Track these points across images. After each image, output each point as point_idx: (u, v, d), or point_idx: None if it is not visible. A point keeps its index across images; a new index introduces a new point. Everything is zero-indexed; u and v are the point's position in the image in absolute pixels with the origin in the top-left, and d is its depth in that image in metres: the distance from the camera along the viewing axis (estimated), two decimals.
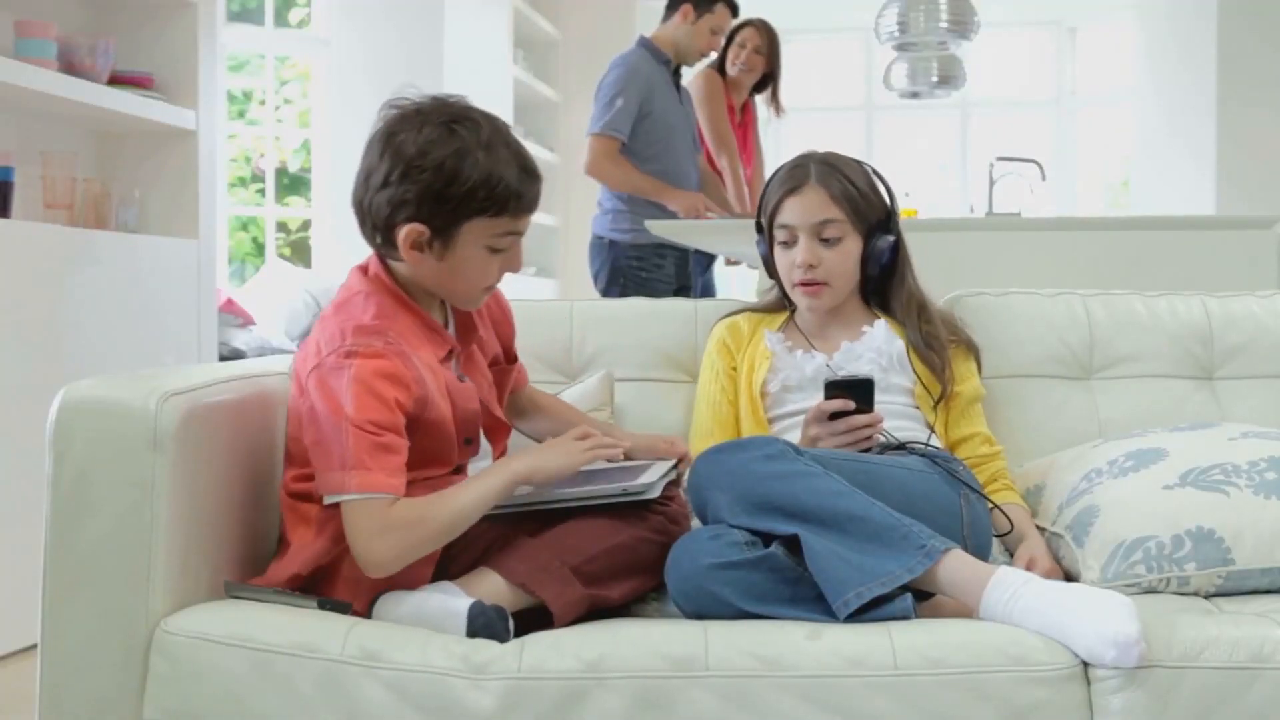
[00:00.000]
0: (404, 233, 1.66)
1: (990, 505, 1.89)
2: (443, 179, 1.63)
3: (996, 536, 1.90)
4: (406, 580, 1.64)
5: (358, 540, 1.59)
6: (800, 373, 2.02)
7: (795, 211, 2.02)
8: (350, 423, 1.57)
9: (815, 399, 1.94)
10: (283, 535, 1.76)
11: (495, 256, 1.71)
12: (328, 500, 1.61)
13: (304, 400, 1.65)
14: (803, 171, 2.03)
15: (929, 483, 1.80)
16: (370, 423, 1.58)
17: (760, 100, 4.81)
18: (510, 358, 1.96)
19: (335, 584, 1.68)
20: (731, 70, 4.61)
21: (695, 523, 1.79)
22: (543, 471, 1.68)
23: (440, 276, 1.71)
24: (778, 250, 2.06)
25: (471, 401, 1.76)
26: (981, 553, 1.80)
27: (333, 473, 1.59)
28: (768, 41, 4.59)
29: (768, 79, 4.67)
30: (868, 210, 2.02)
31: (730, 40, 4.58)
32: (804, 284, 2.02)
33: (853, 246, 2.02)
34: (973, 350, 2.10)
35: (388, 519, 1.58)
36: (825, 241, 2.00)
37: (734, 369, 2.09)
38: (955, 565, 1.58)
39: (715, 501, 1.68)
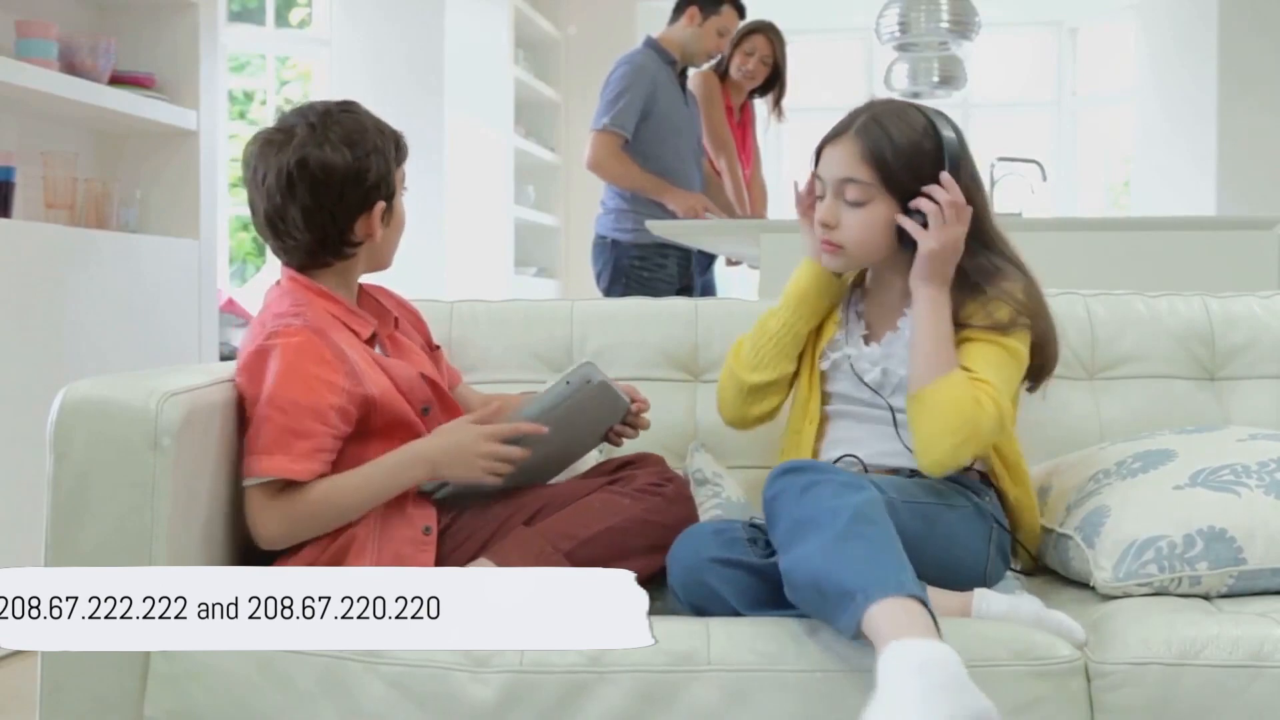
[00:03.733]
0: (375, 214, 1.77)
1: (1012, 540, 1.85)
2: (383, 154, 1.77)
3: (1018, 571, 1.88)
4: None
5: (254, 522, 1.66)
6: (844, 359, 1.90)
7: (825, 163, 1.83)
8: (268, 404, 1.64)
9: (846, 385, 1.88)
10: None
11: (403, 206, 1.85)
12: (245, 484, 1.66)
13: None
14: (849, 120, 1.83)
15: (968, 525, 1.75)
16: (290, 403, 1.64)
17: (760, 102, 4.81)
18: (432, 346, 2.02)
19: None
20: (735, 74, 4.61)
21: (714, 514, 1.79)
22: (430, 467, 1.72)
23: (387, 242, 1.83)
24: (819, 203, 1.86)
25: (406, 370, 1.80)
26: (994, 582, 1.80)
27: (247, 458, 1.66)
28: (773, 53, 4.58)
29: (770, 84, 4.67)
30: (905, 175, 1.76)
31: (739, 44, 4.55)
32: (824, 242, 1.84)
33: (881, 213, 1.78)
34: (1044, 333, 1.81)
35: (290, 500, 1.65)
36: (851, 204, 1.80)
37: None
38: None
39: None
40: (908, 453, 1.78)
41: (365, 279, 1.89)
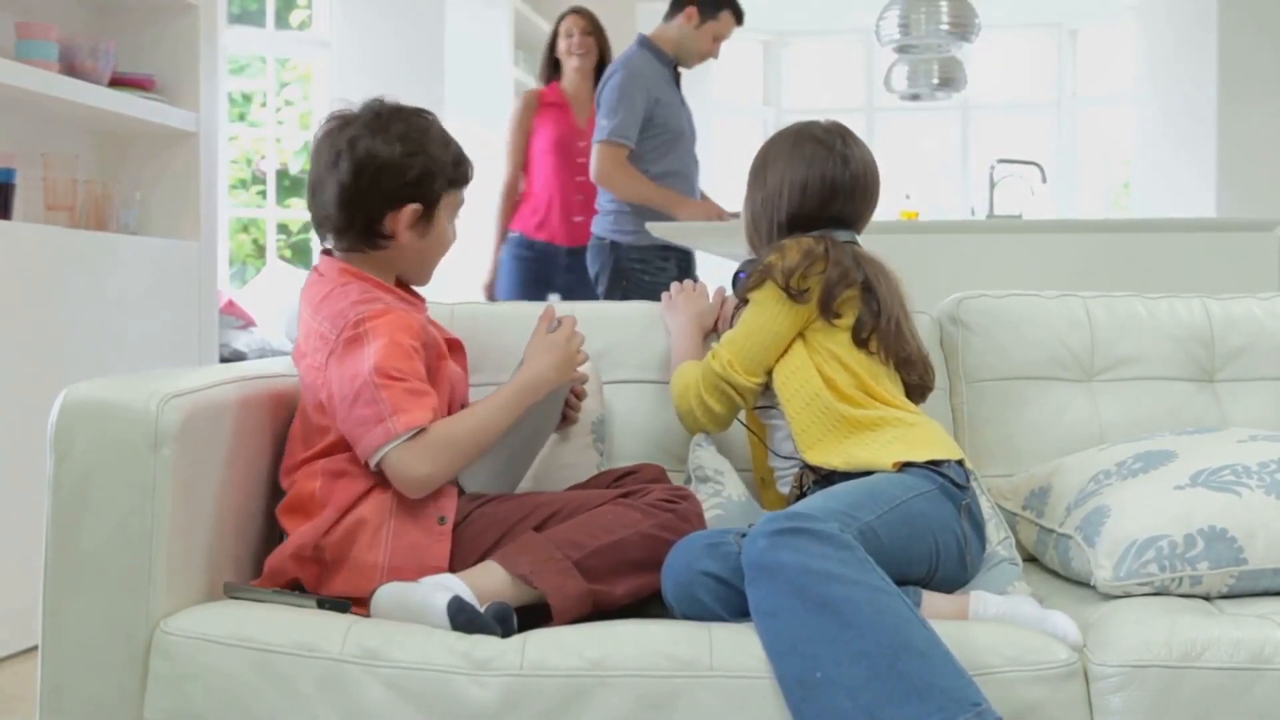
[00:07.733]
0: (405, 214, 1.83)
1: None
2: (434, 162, 1.84)
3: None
4: (419, 568, 1.67)
5: (405, 474, 1.69)
6: None
7: None
8: (378, 376, 1.69)
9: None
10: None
11: (450, 229, 1.92)
12: (375, 459, 1.69)
13: (323, 389, 1.74)
14: None
15: (941, 507, 1.77)
16: (396, 370, 1.70)
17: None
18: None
19: (339, 573, 1.70)
20: (570, 61, 4.62)
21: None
22: (546, 383, 1.85)
23: (420, 254, 1.89)
24: None
25: (456, 371, 1.88)
26: (974, 568, 1.81)
27: (374, 430, 1.68)
28: (592, 22, 4.63)
29: (602, 64, 4.62)
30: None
31: (555, 37, 4.65)
32: None
33: None
34: (789, 267, 1.93)
35: (423, 443, 1.69)
36: None
37: None
38: None
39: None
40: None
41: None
